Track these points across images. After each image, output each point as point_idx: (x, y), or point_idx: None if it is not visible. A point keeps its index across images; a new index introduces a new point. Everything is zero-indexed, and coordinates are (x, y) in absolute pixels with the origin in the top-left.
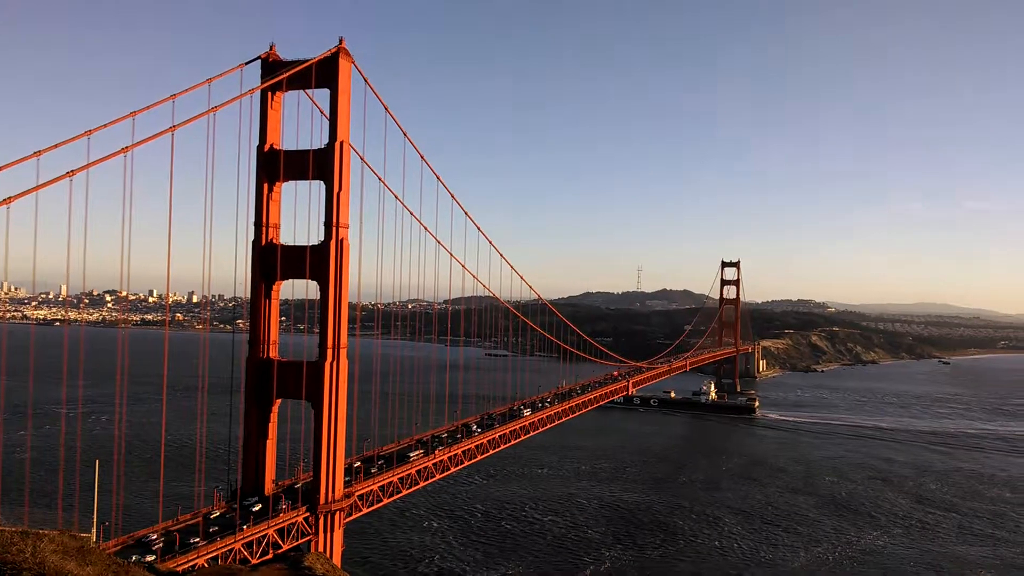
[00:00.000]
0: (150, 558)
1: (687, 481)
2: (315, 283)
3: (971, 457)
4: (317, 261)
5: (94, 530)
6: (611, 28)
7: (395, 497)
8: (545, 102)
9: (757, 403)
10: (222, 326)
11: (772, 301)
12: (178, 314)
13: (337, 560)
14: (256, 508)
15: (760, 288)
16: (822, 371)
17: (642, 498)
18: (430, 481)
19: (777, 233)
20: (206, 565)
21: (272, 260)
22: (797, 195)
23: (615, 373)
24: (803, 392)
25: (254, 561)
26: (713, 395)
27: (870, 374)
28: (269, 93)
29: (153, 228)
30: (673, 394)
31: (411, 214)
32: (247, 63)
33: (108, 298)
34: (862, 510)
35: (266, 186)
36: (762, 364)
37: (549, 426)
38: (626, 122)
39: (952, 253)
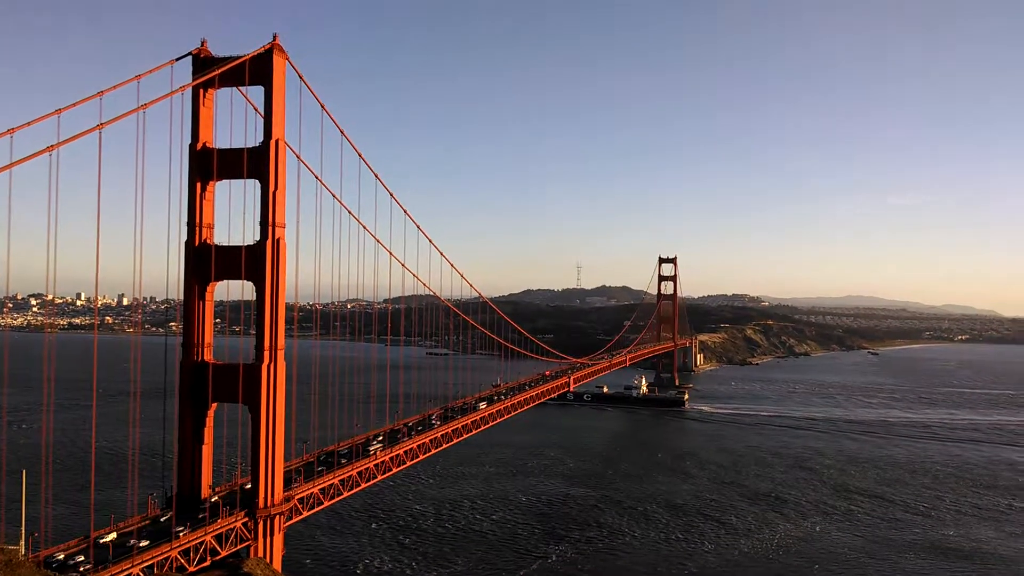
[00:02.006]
0: (82, 568)
1: (619, 475)
2: (251, 284)
3: (896, 444)
4: (253, 261)
5: (22, 542)
6: (557, 21)
7: (336, 499)
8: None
9: (687, 396)
10: (154, 329)
11: (708, 296)
12: (108, 317)
13: (277, 565)
14: (199, 516)
15: (697, 283)
16: (757, 364)
17: (580, 493)
18: (372, 483)
19: (713, 230)
20: (141, 574)
21: (206, 261)
22: (731, 193)
23: (547, 373)
24: (737, 384)
25: (191, 568)
26: (644, 389)
27: (802, 366)
28: (201, 90)
29: (81, 229)
30: (606, 389)
31: (349, 213)
32: (178, 59)
33: (33, 302)
34: (789, 499)
35: (199, 185)
36: (699, 358)
37: (492, 424)
38: (567, 117)
39: (878, 248)
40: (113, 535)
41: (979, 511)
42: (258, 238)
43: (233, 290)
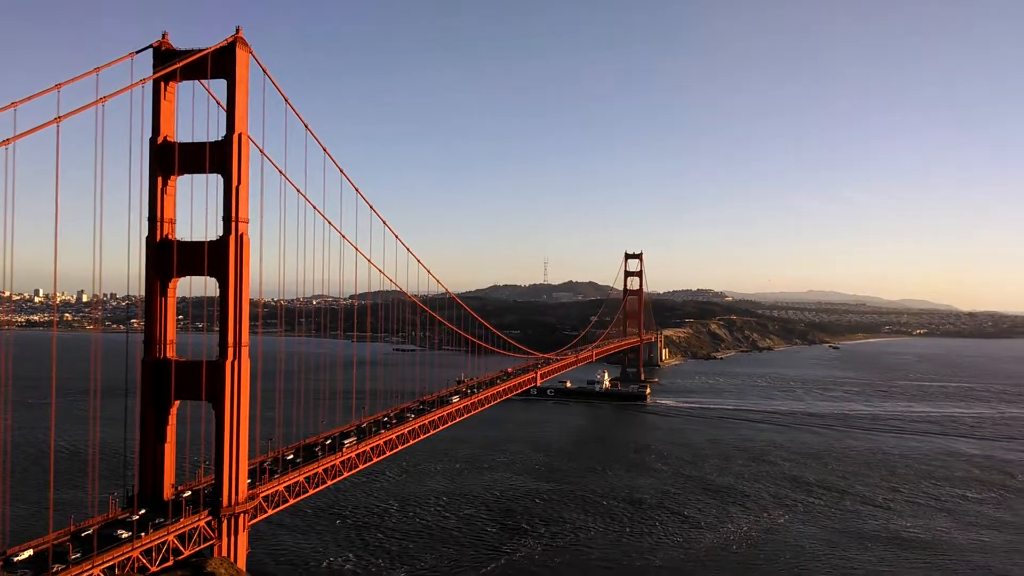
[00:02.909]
0: (43, 571)
1: (583, 469)
2: (214, 280)
3: (855, 437)
4: (216, 257)
5: None
6: (525, 16)
7: (302, 497)
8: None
9: (648, 390)
10: (115, 326)
11: (673, 291)
12: (67, 314)
13: (242, 563)
14: (161, 516)
15: (662, 279)
16: (721, 358)
17: (545, 488)
18: (338, 480)
19: (678, 226)
20: (101, 575)
21: (168, 257)
22: (696, 189)
23: (508, 370)
24: (701, 378)
25: (153, 568)
26: (607, 383)
27: (765, 360)
28: (162, 83)
29: (39, 224)
30: (569, 383)
31: (314, 208)
32: (138, 52)
33: None
34: (750, 492)
35: (160, 180)
36: (665, 353)
37: (459, 419)
38: (534, 114)
39: (839, 244)
40: (29, 551)
41: (935, 502)
42: (221, 233)
43: (196, 286)
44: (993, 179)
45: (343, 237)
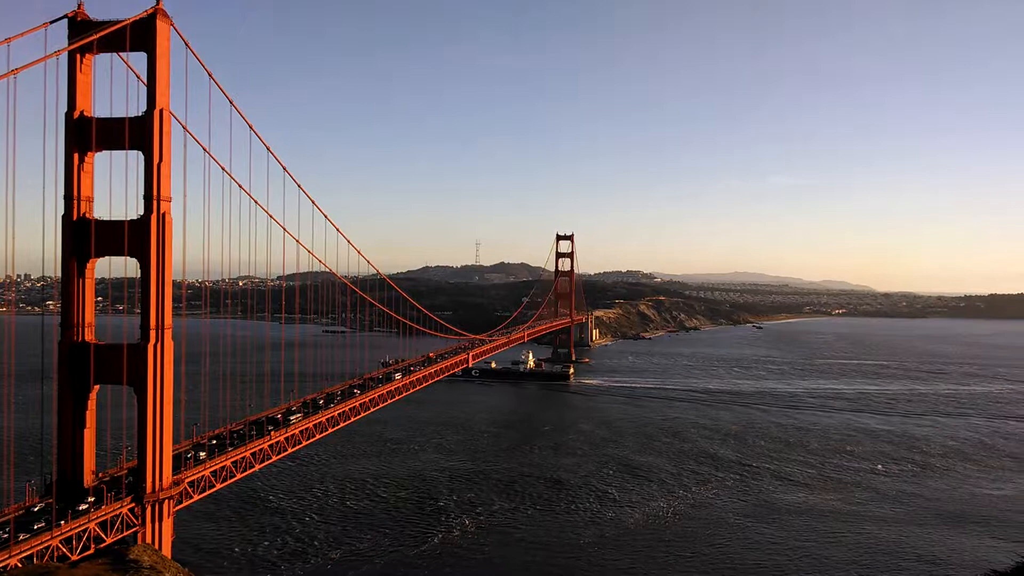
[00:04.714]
0: None
1: (508, 450)
2: (135, 260)
3: (772, 415)
4: (137, 237)
5: None
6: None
7: (229, 482)
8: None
9: (572, 370)
10: (30, 308)
11: (604, 272)
12: None
13: (167, 550)
14: (83, 503)
15: (593, 261)
16: (650, 338)
17: (473, 468)
18: (265, 464)
19: (608, 208)
20: (19, 565)
21: (85, 236)
22: (625, 171)
23: (431, 355)
24: (629, 358)
25: (74, 557)
26: (531, 364)
27: (692, 339)
28: (78, 55)
29: None
30: (494, 364)
31: (239, 186)
32: (52, 22)
33: None
34: (671, 470)
35: (76, 156)
36: (595, 333)
37: (390, 401)
38: (465, 93)
39: (762, 226)
40: None
41: (847, 475)
42: (142, 212)
43: (116, 267)
44: (906, 167)
45: (270, 216)
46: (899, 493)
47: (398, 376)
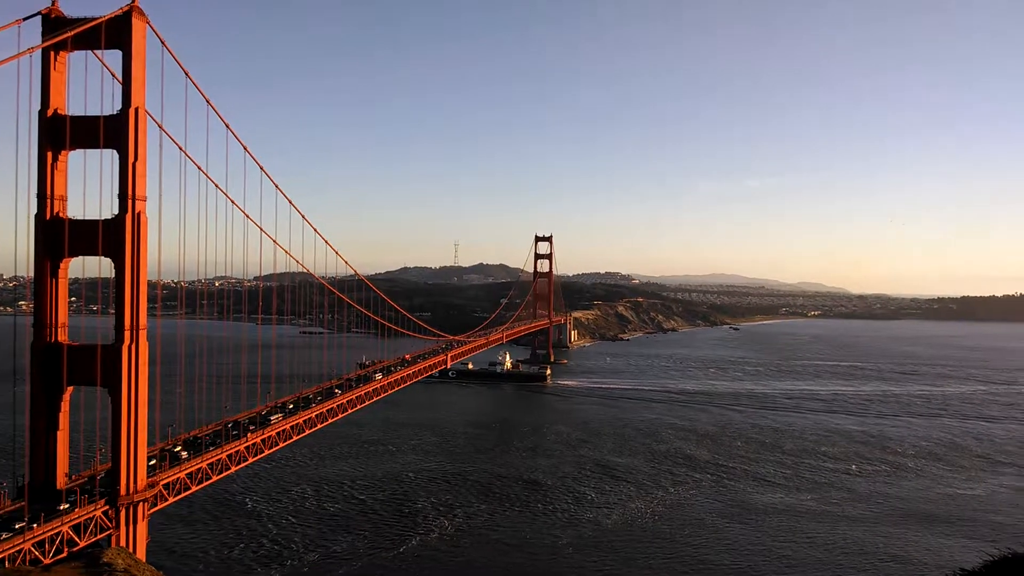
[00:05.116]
0: None
1: (485, 451)
2: (109, 260)
3: (747, 416)
4: (111, 237)
5: None
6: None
7: (205, 484)
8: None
9: (549, 371)
10: (2, 308)
11: (582, 274)
12: None
13: (141, 554)
14: (56, 506)
15: (571, 262)
16: (628, 339)
17: (451, 469)
18: (242, 466)
19: (587, 210)
20: None
21: (59, 235)
22: (604, 173)
23: (406, 356)
24: (607, 359)
25: (47, 561)
26: (508, 365)
27: (669, 341)
28: (52, 53)
29: None
30: (471, 365)
31: (215, 186)
32: (25, 19)
33: None
34: (647, 471)
35: (50, 155)
36: (574, 334)
37: (367, 403)
38: (443, 93)
39: (738, 228)
40: None
41: (821, 476)
42: (117, 212)
43: (90, 267)
44: (879, 169)
45: (247, 216)
46: (872, 493)
47: (379, 376)
